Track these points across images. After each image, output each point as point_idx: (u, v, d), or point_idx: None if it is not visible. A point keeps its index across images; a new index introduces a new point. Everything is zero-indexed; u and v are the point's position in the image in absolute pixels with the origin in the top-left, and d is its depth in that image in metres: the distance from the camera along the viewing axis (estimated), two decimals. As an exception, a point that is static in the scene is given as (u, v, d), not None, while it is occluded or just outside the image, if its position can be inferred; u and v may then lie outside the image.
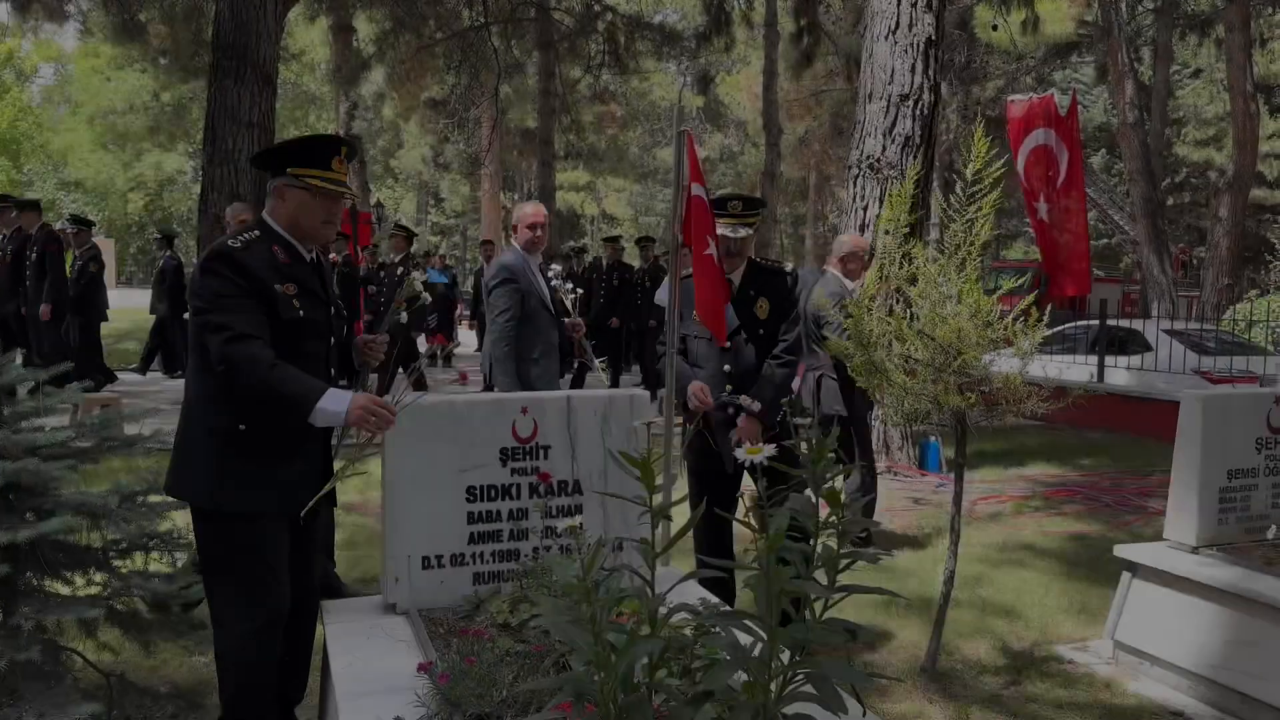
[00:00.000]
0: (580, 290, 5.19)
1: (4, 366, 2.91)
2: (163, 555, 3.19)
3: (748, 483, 3.78)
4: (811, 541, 1.80)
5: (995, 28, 17.38)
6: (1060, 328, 11.37)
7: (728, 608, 2.05)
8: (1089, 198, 23.39)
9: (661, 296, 5.01)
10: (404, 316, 3.07)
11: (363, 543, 5.37)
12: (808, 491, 1.81)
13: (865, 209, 7.39)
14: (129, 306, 18.08)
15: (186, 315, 3.12)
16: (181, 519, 3.22)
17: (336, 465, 2.91)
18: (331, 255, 15.66)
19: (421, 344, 13.84)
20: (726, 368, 3.89)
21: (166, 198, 40.47)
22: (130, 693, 3.14)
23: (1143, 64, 26.94)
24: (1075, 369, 10.48)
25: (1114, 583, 4.30)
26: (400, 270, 10.86)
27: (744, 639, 1.76)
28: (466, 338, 17.19)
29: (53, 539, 2.85)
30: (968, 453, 7.47)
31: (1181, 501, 4.00)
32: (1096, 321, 11.11)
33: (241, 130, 8.71)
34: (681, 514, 2.04)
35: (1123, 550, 4.16)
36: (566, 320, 4.79)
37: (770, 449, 1.73)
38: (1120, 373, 10.64)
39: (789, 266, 4.07)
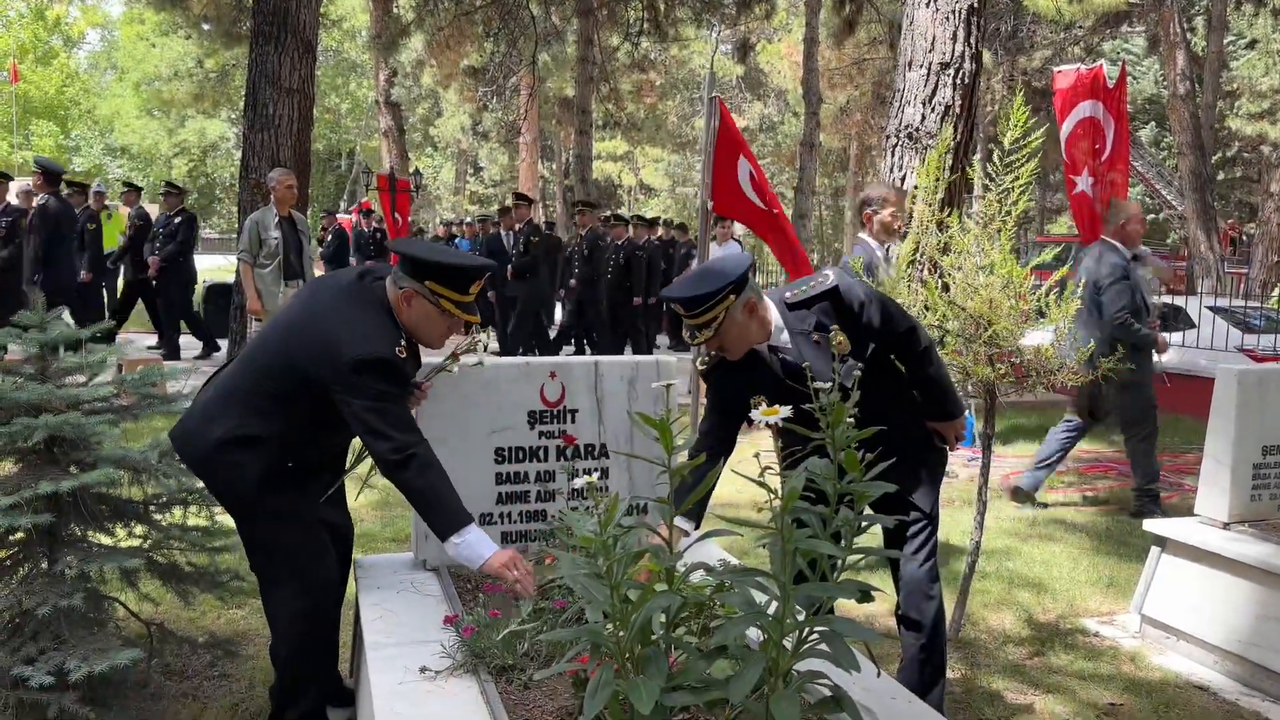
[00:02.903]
0: None
1: (48, 324, 3.00)
2: (201, 510, 3.29)
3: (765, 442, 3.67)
4: (830, 505, 1.83)
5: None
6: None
7: (744, 566, 2.08)
8: (1135, 171, 22.94)
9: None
10: (455, 369, 3.05)
11: (396, 503, 5.46)
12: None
13: (903, 179, 7.30)
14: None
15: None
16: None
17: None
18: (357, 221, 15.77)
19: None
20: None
21: (210, 163, 40.94)
22: (170, 641, 3.25)
23: (1196, 34, 26.25)
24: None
25: (1143, 558, 4.28)
26: (527, 235, 11.34)
27: (760, 597, 1.80)
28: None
29: (95, 491, 2.95)
30: (1002, 427, 7.41)
31: (1214, 477, 3.97)
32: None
33: (282, 96, 8.78)
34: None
35: (1152, 525, 4.14)
36: None
37: (786, 410, 1.75)
38: (1162, 349, 10.46)
39: (828, 277, 2.85)
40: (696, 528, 2.82)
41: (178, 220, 10.80)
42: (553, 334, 12.62)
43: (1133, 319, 5.57)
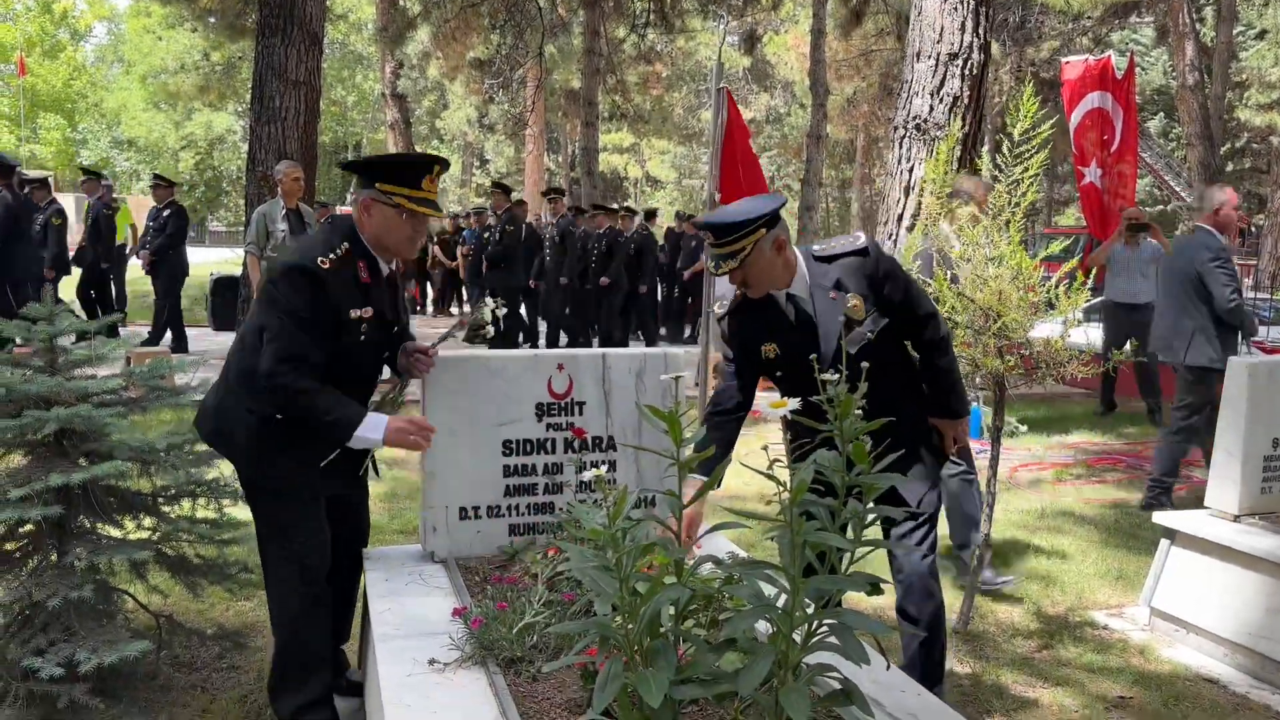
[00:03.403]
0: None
1: (56, 316, 3.01)
2: (209, 502, 3.30)
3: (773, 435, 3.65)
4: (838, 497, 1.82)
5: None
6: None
7: (752, 559, 2.07)
8: (1144, 162, 22.81)
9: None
10: (461, 335, 3.04)
11: (403, 495, 5.48)
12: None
13: (910, 171, 7.28)
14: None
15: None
16: (228, 468, 3.32)
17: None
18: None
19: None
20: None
21: (216, 156, 40.98)
22: (179, 633, 3.27)
23: (1205, 25, 26.11)
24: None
25: (1152, 551, 4.27)
26: (503, 224, 10.97)
27: (768, 589, 1.79)
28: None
29: (104, 483, 2.96)
30: (1009, 419, 7.38)
31: (1224, 469, 3.95)
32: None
33: (289, 89, 8.79)
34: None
35: (1162, 517, 4.13)
36: None
37: (795, 403, 1.74)
38: (1170, 341, 10.43)
39: (860, 238, 2.85)
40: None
41: (166, 213, 10.71)
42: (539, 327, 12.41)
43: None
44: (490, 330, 3.05)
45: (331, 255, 2.63)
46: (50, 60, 42.94)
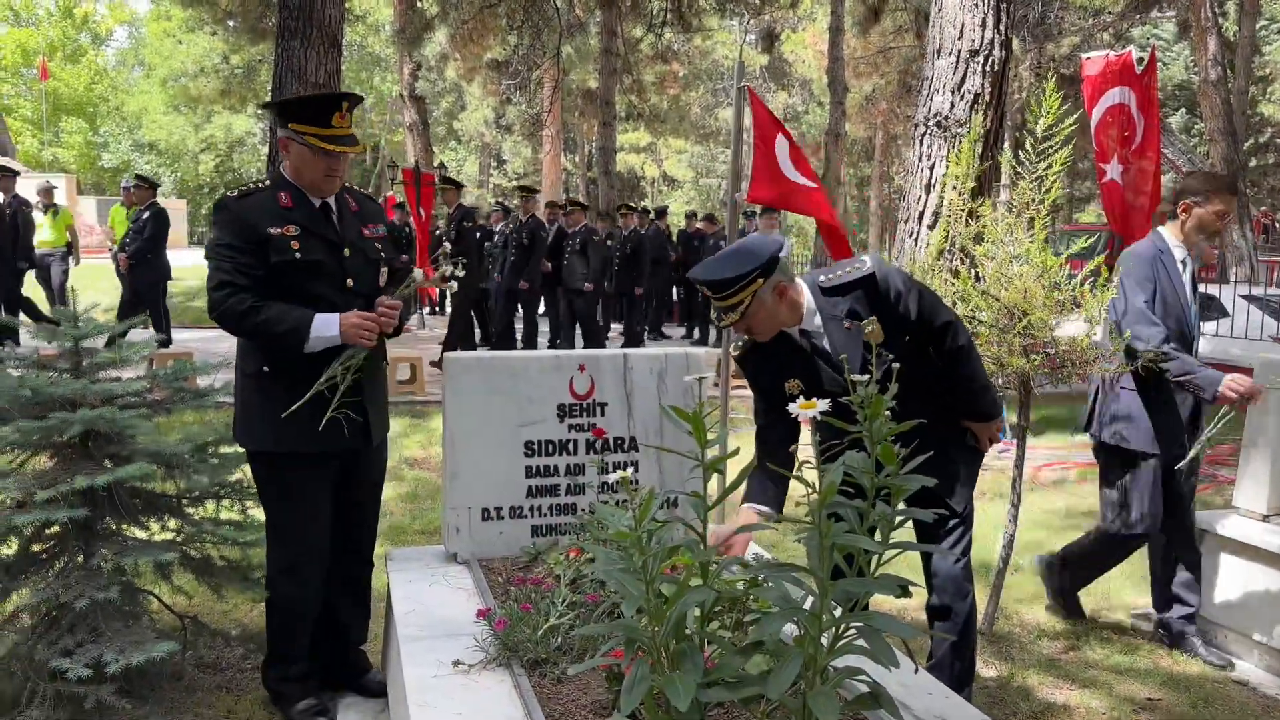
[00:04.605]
0: None
1: (83, 319, 3.02)
2: (233, 504, 3.31)
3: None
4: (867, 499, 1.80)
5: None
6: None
7: (777, 560, 2.06)
8: (1166, 158, 22.58)
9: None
10: (413, 287, 3.03)
11: (425, 496, 5.49)
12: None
13: (931, 168, 7.25)
14: (200, 265, 18.52)
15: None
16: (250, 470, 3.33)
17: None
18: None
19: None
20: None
21: (236, 159, 41.22)
22: (203, 634, 3.28)
23: (1227, 19, 25.83)
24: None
25: (1180, 550, 4.21)
26: (459, 220, 10.64)
27: (795, 592, 1.78)
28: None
29: (129, 485, 2.97)
30: (1034, 418, 7.33)
31: (1253, 469, 3.90)
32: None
33: (308, 92, 8.82)
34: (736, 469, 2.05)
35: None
36: None
37: (824, 404, 1.73)
38: (1194, 339, 10.35)
39: (865, 263, 2.77)
40: (779, 515, 2.69)
41: (145, 215, 10.51)
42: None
43: None
44: (453, 286, 3.08)
45: (242, 188, 2.83)
46: (72, 64, 43.33)
